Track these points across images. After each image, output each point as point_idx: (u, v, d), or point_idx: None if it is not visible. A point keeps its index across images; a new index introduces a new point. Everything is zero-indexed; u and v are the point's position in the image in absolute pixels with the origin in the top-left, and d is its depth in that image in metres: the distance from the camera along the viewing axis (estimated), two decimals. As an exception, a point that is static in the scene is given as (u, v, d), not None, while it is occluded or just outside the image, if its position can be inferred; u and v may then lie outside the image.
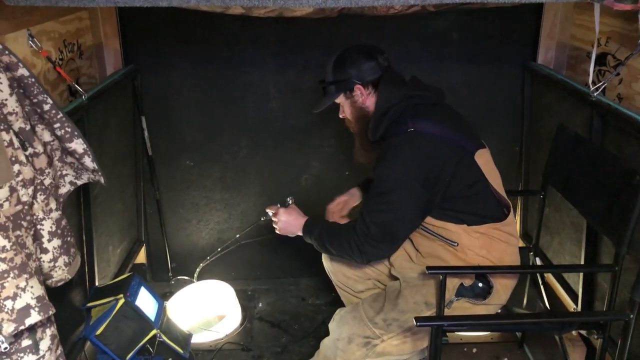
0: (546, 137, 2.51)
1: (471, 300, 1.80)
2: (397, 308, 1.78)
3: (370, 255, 1.75)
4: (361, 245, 1.71)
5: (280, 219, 1.95)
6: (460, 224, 1.76)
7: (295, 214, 1.95)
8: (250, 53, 2.62)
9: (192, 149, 2.76)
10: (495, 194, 1.80)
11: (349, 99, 1.87)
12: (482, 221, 1.77)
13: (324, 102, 1.93)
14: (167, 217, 2.87)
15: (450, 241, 1.77)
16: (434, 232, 1.80)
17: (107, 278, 2.37)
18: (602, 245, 2.10)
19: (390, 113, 1.78)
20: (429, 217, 1.77)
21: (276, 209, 1.99)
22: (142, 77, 2.62)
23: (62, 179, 1.54)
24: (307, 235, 1.90)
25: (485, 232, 1.77)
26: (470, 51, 2.66)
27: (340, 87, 1.86)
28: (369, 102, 1.86)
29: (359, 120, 1.90)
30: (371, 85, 1.84)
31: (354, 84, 1.83)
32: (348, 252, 1.75)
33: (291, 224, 1.94)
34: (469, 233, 1.76)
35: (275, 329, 2.61)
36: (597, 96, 2.02)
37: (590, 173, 1.91)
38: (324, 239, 1.81)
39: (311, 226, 1.89)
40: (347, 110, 1.91)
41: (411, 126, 1.72)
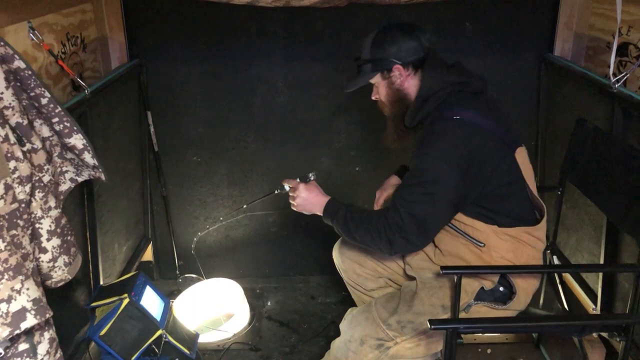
0: (563, 131, 2.42)
1: (490, 305, 1.73)
2: (412, 310, 1.71)
3: (400, 248, 1.63)
4: (392, 235, 1.59)
5: (299, 195, 1.81)
6: (491, 224, 1.68)
7: (317, 191, 1.82)
8: (258, 45, 2.56)
9: (198, 145, 2.71)
10: (530, 195, 1.72)
11: (385, 79, 1.76)
12: (514, 223, 1.68)
13: (357, 81, 1.82)
14: (174, 213, 2.82)
15: (476, 241, 1.69)
16: (461, 230, 1.71)
17: (113, 276, 2.32)
18: (623, 243, 2.02)
19: (434, 98, 1.68)
20: (458, 214, 1.68)
21: (295, 184, 1.85)
22: (147, 71, 2.57)
23: (62, 176, 1.49)
24: (328, 216, 1.76)
25: (516, 236, 1.69)
26: (485, 42, 2.58)
27: (378, 66, 1.75)
28: (408, 84, 1.74)
29: (395, 103, 1.78)
30: (411, 66, 1.73)
31: (393, 64, 1.72)
32: (376, 242, 1.63)
33: (311, 202, 1.80)
34: (498, 234, 1.68)
35: (284, 328, 2.56)
36: (618, 88, 1.94)
37: (611, 168, 1.83)
38: (349, 224, 1.68)
39: (334, 207, 1.76)
40: (383, 92, 1.79)
41: (457, 114, 1.61)
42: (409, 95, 1.76)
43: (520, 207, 1.72)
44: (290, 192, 1.86)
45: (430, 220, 1.61)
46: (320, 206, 1.79)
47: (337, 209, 1.75)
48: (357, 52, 1.84)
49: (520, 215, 1.71)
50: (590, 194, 1.98)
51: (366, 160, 2.76)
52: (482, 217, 1.68)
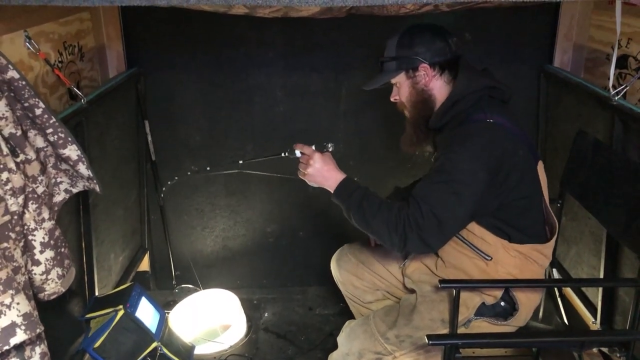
0: (563, 143, 2.41)
1: (491, 320, 1.71)
2: (411, 324, 1.69)
3: (413, 247, 1.52)
4: (410, 232, 1.49)
5: (314, 164, 1.67)
6: (502, 238, 1.64)
7: (332, 164, 1.68)
8: (257, 55, 2.56)
9: (196, 154, 2.69)
10: (545, 211, 1.70)
11: (410, 78, 1.71)
12: (526, 240, 1.65)
13: (379, 79, 1.76)
14: (171, 223, 2.80)
15: (484, 254, 1.66)
16: (468, 241, 1.67)
17: (109, 287, 2.30)
18: (623, 257, 2.00)
19: (466, 100, 1.63)
20: (471, 223, 1.63)
21: (310, 151, 1.70)
22: (145, 80, 2.56)
23: (57, 187, 1.47)
24: (341, 195, 1.64)
25: (525, 252, 1.66)
26: (484, 53, 2.57)
27: (404, 64, 1.70)
28: (433, 85, 1.70)
29: (417, 104, 1.73)
30: (438, 67, 1.69)
31: (420, 63, 1.68)
32: (391, 234, 1.52)
33: (324, 175, 1.67)
34: (507, 250, 1.65)
35: (281, 340, 2.53)
36: (618, 100, 1.93)
37: (611, 181, 1.81)
38: (365, 209, 1.56)
39: (351, 187, 1.63)
40: (405, 91, 1.74)
41: (490, 117, 1.58)
42: (433, 97, 1.72)
43: (535, 222, 1.70)
44: (303, 159, 1.72)
45: (450, 221, 1.53)
46: (334, 182, 1.66)
47: (353, 189, 1.62)
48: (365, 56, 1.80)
49: (532, 231, 1.69)
50: (589, 206, 1.96)
51: (365, 170, 2.74)
52: (495, 229, 1.64)
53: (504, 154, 1.55)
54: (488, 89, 1.66)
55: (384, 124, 2.65)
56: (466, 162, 1.53)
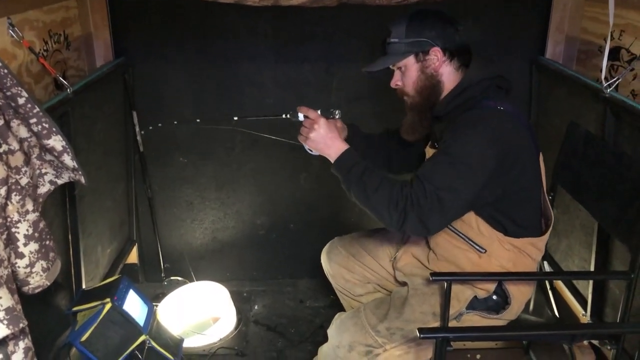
0: (555, 135, 2.40)
1: (482, 314, 1.70)
2: (402, 317, 1.67)
3: (411, 226, 1.48)
4: (411, 210, 1.45)
5: (318, 129, 1.62)
6: (498, 230, 1.63)
7: (336, 133, 1.64)
8: (247, 46, 2.52)
9: (185, 146, 2.66)
10: (543, 203, 1.69)
11: (419, 62, 1.65)
12: (520, 233, 1.64)
13: (385, 60, 1.68)
14: (159, 215, 2.77)
15: (478, 246, 1.65)
16: (462, 233, 1.66)
17: (96, 280, 2.27)
18: (614, 249, 2.00)
19: (474, 88, 1.61)
20: (468, 213, 1.61)
21: (316, 116, 1.66)
22: (133, 70, 2.52)
23: (42, 178, 1.44)
24: (342, 166, 1.59)
25: (519, 246, 1.65)
26: (476, 44, 2.54)
27: (414, 47, 1.63)
28: (443, 70, 1.65)
29: (424, 90, 1.68)
30: (448, 53, 1.65)
31: (432, 46, 1.63)
32: (390, 210, 1.47)
33: (327, 143, 1.62)
34: (502, 243, 1.64)
35: (271, 333, 2.52)
36: (610, 92, 1.92)
37: (602, 174, 1.81)
38: (366, 183, 1.51)
39: (353, 159, 1.58)
40: (412, 76, 1.67)
41: (500, 104, 1.56)
42: (441, 83, 1.67)
43: (532, 215, 1.69)
44: (306, 123, 1.67)
45: (453, 205, 1.49)
46: (336, 151, 1.61)
47: (355, 161, 1.58)
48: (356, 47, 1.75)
49: (529, 225, 1.68)
50: (581, 199, 1.95)
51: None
52: (493, 220, 1.62)
53: (512, 142, 1.54)
54: (497, 78, 1.64)
55: (375, 117, 2.63)
56: (476, 146, 1.50)
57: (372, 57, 1.76)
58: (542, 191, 1.69)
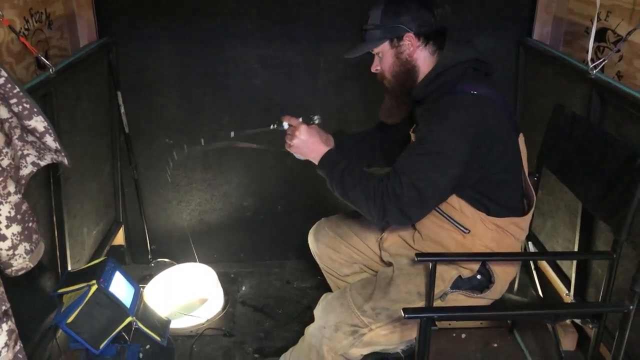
0: (541, 117, 2.41)
1: (467, 293, 1.72)
2: (387, 297, 1.68)
3: (392, 218, 1.54)
4: (388, 203, 1.50)
5: (299, 136, 1.69)
6: (481, 211, 1.64)
7: (318, 137, 1.71)
8: (233, 25, 2.49)
9: (171, 127, 2.64)
10: (524, 184, 1.70)
11: (394, 47, 1.67)
12: (504, 213, 1.66)
13: (362, 47, 1.71)
14: (146, 197, 2.76)
15: (462, 227, 1.66)
16: (446, 214, 1.67)
17: (82, 262, 2.26)
18: (598, 230, 2.03)
19: (450, 72, 1.61)
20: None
21: (297, 123, 1.72)
22: (117, 50, 2.49)
23: (24, 160, 1.42)
24: (324, 167, 1.66)
25: (502, 226, 1.67)
26: (463, 25, 2.55)
27: (388, 32, 1.65)
28: (417, 55, 1.67)
29: (400, 75, 1.70)
30: (423, 38, 1.65)
31: (405, 32, 1.64)
32: (369, 205, 1.53)
33: (309, 147, 1.69)
34: (485, 223, 1.65)
35: (258, 314, 2.53)
36: (596, 74, 1.92)
37: (588, 155, 1.81)
38: (346, 179, 1.58)
39: (333, 159, 1.65)
40: (388, 61, 1.70)
41: (474, 88, 1.56)
42: (417, 68, 1.69)
43: (514, 195, 1.70)
44: (289, 130, 1.73)
45: (431, 194, 1.53)
46: (318, 154, 1.68)
47: (336, 161, 1.64)
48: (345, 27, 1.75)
49: (511, 205, 1.69)
50: (566, 180, 1.97)
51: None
52: (474, 201, 1.64)
53: (488, 126, 1.55)
54: (473, 61, 1.64)
55: (363, 98, 2.62)
56: (449, 133, 1.52)
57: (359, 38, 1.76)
58: (523, 172, 1.70)
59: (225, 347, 2.31)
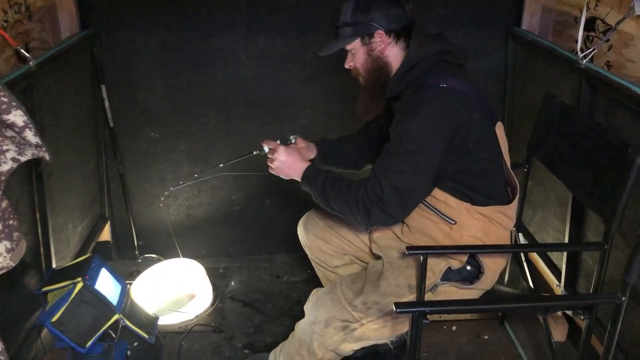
0: (530, 107, 2.40)
1: (457, 285, 1.71)
2: (377, 291, 1.67)
3: (378, 220, 1.57)
4: (371, 207, 1.53)
5: (278, 157, 1.74)
6: (465, 201, 1.64)
7: (297, 155, 1.75)
8: (219, 16, 2.46)
9: (157, 120, 2.60)
10: (506, 172, 1.69)
11: (365, 45, 1.68)
12: (488, 202, 1.65)
13: (334, 45, 1.71)
14: (132, 192, 2.71)
15: (448, 218, 1.65)
16: (432, 206, 1.67)
17: (67, 258, 2.22)
18: (588, 221, 2.02)
19: (419, 67, 1.61)
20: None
21: (275, 146, 1.77)
22: (101, 42, 2.44)
23: (3, 155, 1.37)
24: (306, 182, 1.71)
25: (488, 215, 1.66)
26: (452, 15, 2.52)
27: (359, 30, 1.65)
28: (389, 52, 1.67)
29: (373, 72, 1.71)
30: (394, 34, 1.65)
31: (375, 29, 1.64)
32: (353, 212, 1.57)
33: (290, 167, 1.74)
34: (470, 213, 1.65)
35: (248, 309, 2.50)
36: (586, 63, 1.91)
37: (578, 145, 1.80)
38: (327, 191, 1.62)
39: (314, 173, 1.69)
40: (360, 59, 1.71)
41: (443, 82, 1.55)
42: (389, 64, 1.69)
43: (496, 184, 1.69)
44: (269, 154, 1.78)
45: (411, 192, 1.56)
46: (299, 171, 1.72)
47: (315, 175, 1.68)
48: (332, 18, 1.73)
49: (494, 193, 1.68)
50: (556, 171, 1.95)
51: (331, 136, 2.68)
52: (457, 192, 1.64)
53: (459, 118, 1.54)
54: (441, 53, 1.63)
55: (352, 89, 2.56)
56: (420, 130, 1.53)
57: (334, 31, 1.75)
58: (503, 160, 1.69)
59: (215, 343, 2.28)
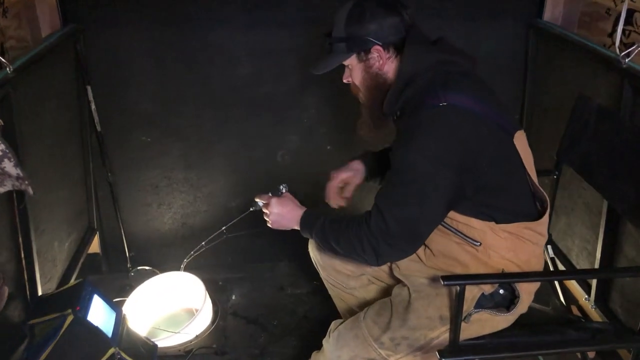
0: (555, 107, 2.23)
1: (491, 312, 1.54)
2: (406, 325, 1.50)
3: (388, 257, 1.45)
4: (377, 244, 1.40)
5: (272, 211, 1.63)
6: (488, 221, 1.46)
7: (291, 204, 1.64)
8: (216, 9, 2.25)
9: (148, 123, 2.40)
10: (531, 186, 1.51)
11: (362, 61, 1.51)
12: (513, 219, 1.48)
13: (329, 62, 1.54)
14: (122, 200, 2.52)
15: (472, 240, 1.48)
16: (454, 229, 1.50)
17: (54, 279, 2.03)
18: (626, 233, 1.87)
19: (417, 81, 1.43)
20: (451, 211, 1.47)
21: (267, 199, 1.66)
22: (86, 39, 2.23)
23: (-22, 186, 1.18)
24: (306, 229, 1.59)
25: (515, 232, 1.49)
26: (468, 5, 2.33)
27: (354, 45, 1.48)
28: (388, 67, 1.50)
29: (372, 89, 1.54)
30: (392, 48, 1.48)
31: (372, 44, 1.46)
32: (359, 252, 1.44)
33: (285, 217, 1.63)
34: (495, 232, 1.47)
35: (251, 326, 2.32)
36: (628, 63, 1.73)
37: (618, 153, 1.64)
38: (328, 236, 1.51)
39: (311, 219, 1.57)
40: (358, 75, 1.54)
41: (443, 99, 1.36)
42: (389, 81, 1.51)
43: (521, 200, 1.51)
44: (264, 208, 1.67)
45: (420, 223, 1.40)
46: (296, 220, 1.61)
47: (314, 220, 1.56)
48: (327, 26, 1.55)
49: (520, 209, 1.51)
50: (593, 180, 1.79)
51: (338, 138, 2.51)
52: (478, 213, 1.47)
53: (465, 139, 1.37)
54: (441, 63, 1.45)
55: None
56: (421, 157, 1.36)
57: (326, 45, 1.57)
58: (527, 173, 1.51)
59: (218, 367, 2.11)
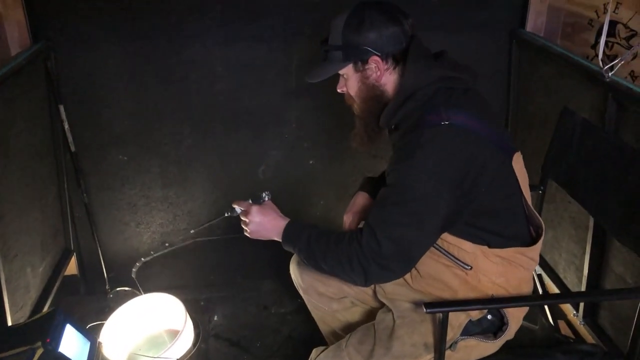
0: (538, 119, 2.20)
1: (479, 338, 1.49)
2: (390, 353, 1.44)
3: (377, 278, 1.37)
4: (367, 265, 1.32)
5: (252, 219, 1.52)
6: (480, 245, 1.42)
7: (273, 213, 1.53)
8: (192, 22, 2.20)
9: (124, 141, 2.33)
10: (526, 210, 1.46)
11: (359, 72, 1.44)
12: (507, 244, 1.43)
13: (324, 71, 1.48)
14: (99, 221, 2.45)
15: (462, 263, 1.43)
16: (445, 250, 1.45)
17: (27, 307, 1.96)
18: (613, 248, 1.84)
19: (418, 96, 1.37)
20: None
21: (247, 206, 1.55)
22: (57, 57, 2.16)
23: None
24: (288, 243, 1.49)
25: (508, 257, 1.44)
26: (450, 16, 2.30)
27: (351, 54, 1.42)
28: (385, 79, 1.44)
29: (368, 101, 1.48)
30: (391, 59, 1.42)
31: (370, 55, 1.40)
32: (346, 271, 1.36)
33: (266, 228, 1.52)
34: (487, 256, 1.42)
35: (234, 349, 2.26)
36: (612, 77, 1.70)
37: (602, 168, 1.60)
38: (314, 251, 1.41)
39: (295, 232, 1.48)
40: (353, 86, 1.48)
41: (445, 118, 1.31)
42: (386, 93, 1.45)
43: (515, 224, 1.46)
44: (242, 215, 1.55)
45: (412, 245, 1.33)
46: (278, 231, 1.50)
47: (298, 233, 1.46)
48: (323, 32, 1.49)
49: (514, 234, 1.46)
50: (576, 194, 1.75)
51: (321, 153, 2.46)
52: (471, 236, 1.41)
53: (467, 160, 1.32)
54: (443, 79, 1.39)
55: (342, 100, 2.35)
56: (421, 177, 1.30)
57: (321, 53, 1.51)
58: (523, 197, 1.47)
59: (200, 393, 2.05)
